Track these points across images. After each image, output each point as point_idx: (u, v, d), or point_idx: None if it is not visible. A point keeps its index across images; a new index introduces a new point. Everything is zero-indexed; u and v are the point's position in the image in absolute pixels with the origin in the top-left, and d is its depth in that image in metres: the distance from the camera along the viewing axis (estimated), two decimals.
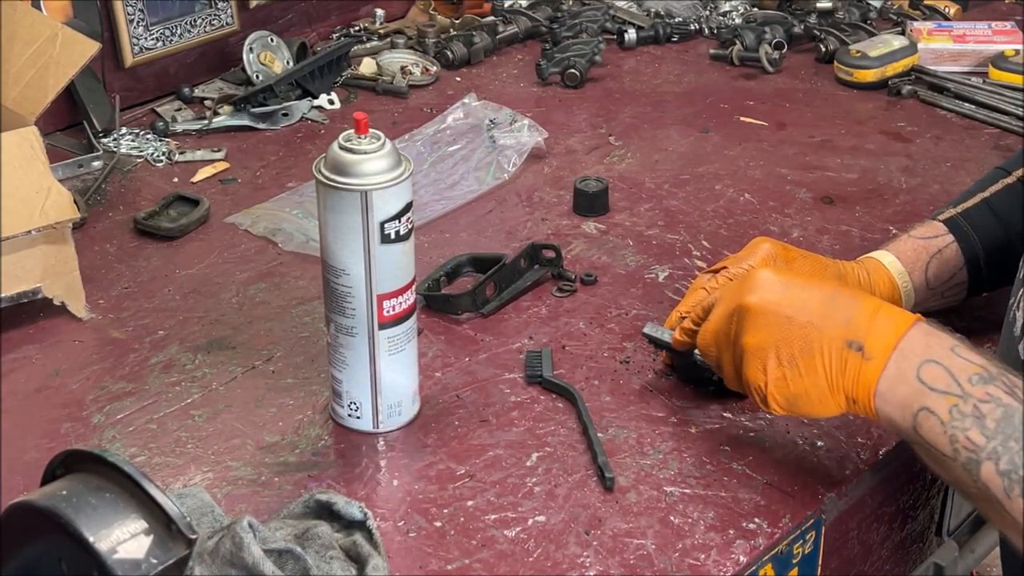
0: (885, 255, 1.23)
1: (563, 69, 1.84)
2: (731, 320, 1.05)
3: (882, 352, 0.97)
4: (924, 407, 0.94)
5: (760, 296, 1.02)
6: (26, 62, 1.39)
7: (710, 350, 1.09)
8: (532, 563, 1.01)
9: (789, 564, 1.08)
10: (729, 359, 1.06)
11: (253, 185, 1.59)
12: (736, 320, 1.04)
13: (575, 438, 1.14)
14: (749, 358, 1.03)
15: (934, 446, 0.94)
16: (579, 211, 1.51)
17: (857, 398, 0.98)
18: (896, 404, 0.96)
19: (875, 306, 0.99)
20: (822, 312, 1.00)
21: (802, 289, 1.02)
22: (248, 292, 1.36)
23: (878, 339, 0.97)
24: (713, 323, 1.08)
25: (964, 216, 1.25)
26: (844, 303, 1.00)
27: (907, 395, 0.95)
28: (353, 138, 1.06)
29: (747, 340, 1.02)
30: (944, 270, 1.23)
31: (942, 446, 0.93)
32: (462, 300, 1.31)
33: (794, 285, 1.03)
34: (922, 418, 0.94)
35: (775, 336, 1.01)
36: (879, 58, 1.84)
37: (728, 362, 1.07)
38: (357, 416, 1.14)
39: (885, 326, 0.98)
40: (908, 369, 0.96)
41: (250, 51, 1.79)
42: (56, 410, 1.18)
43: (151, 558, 0.82)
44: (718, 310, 1.07)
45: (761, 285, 1.03)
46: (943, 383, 0.94)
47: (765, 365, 1.01)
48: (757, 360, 1.02)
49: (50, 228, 1.27)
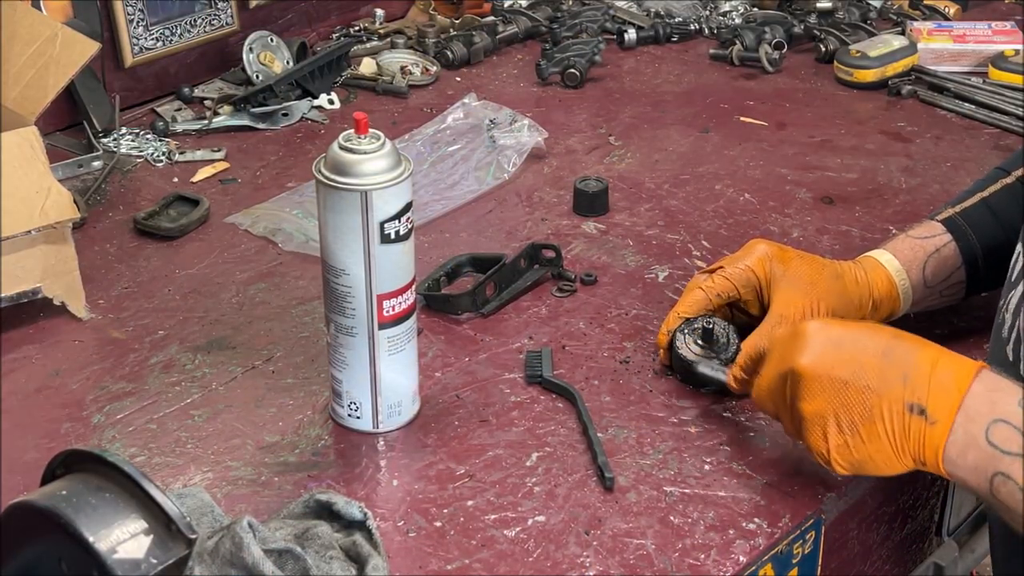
0: (882, 254, 1.23)
1: (563, 69, 1.84)
2: (785, 381, 1.01)
3: (947, 415, 0.93)
4: (999, 472, 0.91)
5: (812, 359, 0.99)
6: (26, 62, 1.39)
7: (767, 408, 1.07)
8: (532, 563, 1.01)
9: (789, 564, 1.08)
10: (788, 420, 1.03)
11: (253, 185, 1.59)
12: (791, 384, 1.01)
13: (575, 438, 1.14)
14: (808, 425, 0.99)
15: (1014, 511, 0.91)
16: (579, 211, 1.51)
17: (926, 462, 0.96)
18: (968, 469, 0.93)
19: (933, 359, 0.96)
20: (878, 372, 0.96)
21: (855, 345, 0.98)
22: (248, 292, 1.36)
23: (940, 399, 0.94)
24: (767, 381, 1.05)
25: (962, 216, 1.25)
26: (900, 359, 0.96)
27: (979, 460, 0.92)
28: (353, 138, 1.06)
29: (804, 407, 0.99)
30: (942, 269, 1.23)
31: (1022, 509, 0.91)
32: (462, 300, 1.31)
33: (846, 341, 0.99)
34: (998, 483, 0.91)
35: (833, 403, 0.97)
36: (879, 58, 1.84)
37: (787, 421, 1.04)
38: (357, 416, 1.14)
39: (947, 383, 0.94)
40: (977, 432, 0.92)
41: (250, 51, 1.79)
42: (56, 410, 1.18)
43: (151, 558, 0.82)
44: (770, 367, 1.04)
45: (812, 345, 0.99)
46: (1016, 444, 0.91)
47: (826, 432, 0.98)
48: (817, 428, 0.99)
49: (50, 228, 1.27)
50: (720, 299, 1.21)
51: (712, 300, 1.21)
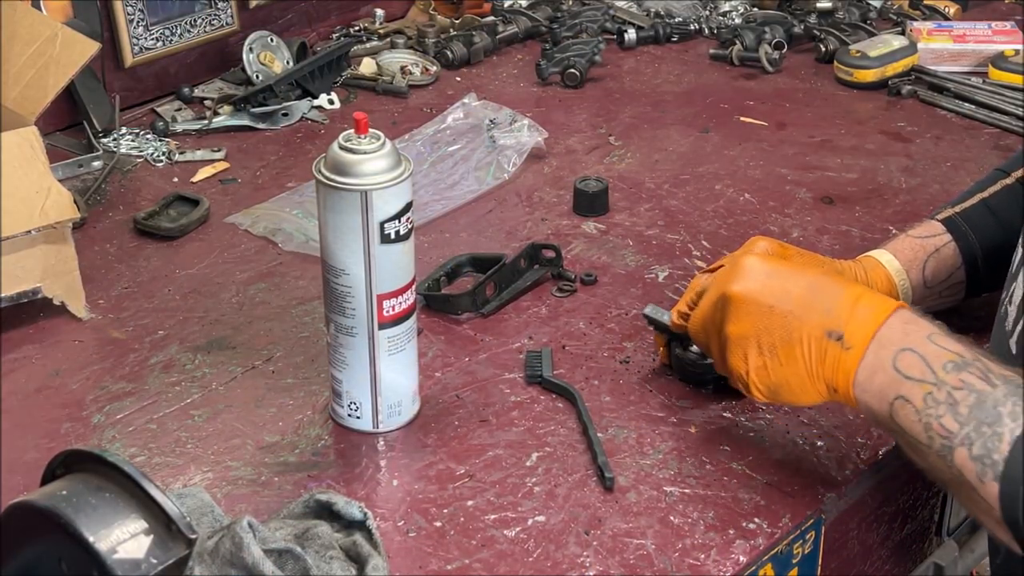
0: (883, 254, 1.23)
1: (563, 69, 1.84)
2: (716, 307, 1.06)
3: (861, 341, 0.98)
4: (900, 395, 0.95)
5: (743, 285, 1.04)
6: (26, 62, 1.39)
7: (699, 337, 1.11)
8: (532, 563, 1.01)
9: (789, 564, 1.08)
10: (716, 345, 1.08)
11: (253, 185, 1.59)
12: (721, 308, 1.05)
13: (575, 438, 1.14)
14: (732, 347, 1.04)
15: (910, 433, 0.95)
16: (579, 211, 1.51)
17: (837, 387, 1.00)
18: (874, 393, 0.97)
19: (856, 295, 1.00)
20: (803, 301, 1.01)
21: (785, 278, 1.03)
22: (248, 292, 1.36)
23: (857, 328, 0.98)
24: (701, 310, 1.09)
25: (962, 216, 1.25)
26: (826, 292, 1.01)
27: (884, 384, 0.96)
28: (353, 138, 1.06)
29: (730, 329, 1.04)
30: (942, 269, 1.23)
31: (917, 433, 0.94)
32: (462, 300, 1.31)
33: (778, 274, 1.04)
34: (898, 406, 0.95)
35: (756, 325, 1.02)
36: (879, 58, 1.84)
37: (715, 348, 1.08)
38: (357, 416, 1.14)
39: (865, 315, 0.98)
40: (885, 358, 0.96)
41: (250, 51, 1.79)
42: (56, 410, 1.18)
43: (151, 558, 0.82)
44: (706, 297, 1.09)
45: (746, 274, 1.04)
46: (918, 371, 0.95)
47: (746, 354, 1.03)
48: (739, 349, 1.04)
49: (50, 228, 1.27)
50: None
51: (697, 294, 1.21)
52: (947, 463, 0.92)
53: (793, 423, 1.16)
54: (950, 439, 0.92)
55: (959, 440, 0.91)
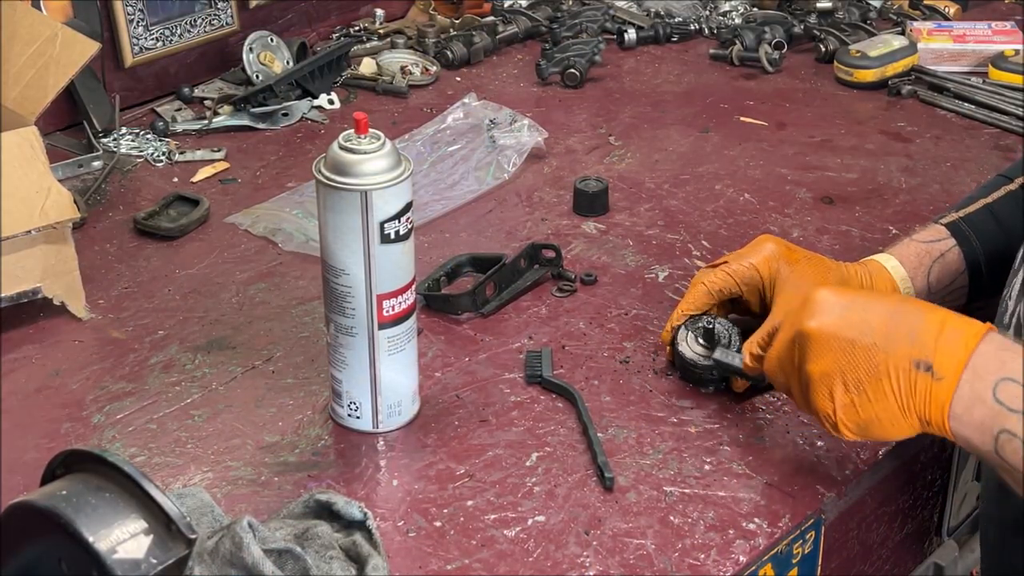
0: (888, 259, 1.23)
1: (563, 69, 1.84)
2: (793, 346, 1.01)
3: (953, 371, 0.93)
4: (1005, 429, 0.91)
5: (820, 321, 0.99)
6: (26, 62, 1.39)
7: (778, 377, 1.06)
8: (532, 563, 1.01)
9: (789, 564, 1.08)
10: (796, 386, 1.03)
11: (253, 185, 1.59)
12: (799, 347, 1.00)
13: (575, 438, 1.14)
14: (815, 386, 0.99)
15: (1018, 469, 0.91)
16: (579, 211, 1.51)
17: (931, 420, 0.95)
18: (974, 427, 0.93)
19: (941, 320, 0.96)
20: (885, 331, 0.96)
21: (863, 308, 0.98)
22: (248, 292, 1.36)
23: (947, 357, 0.94)
24: (777, 350, 1.04)
25: (966, 221, 1.25)
26: (907, 319, 0.96)
27: (985, 417, 0.92)
28: (353, 138, 1.06)
29: (811, 368, 0.99)
30: (946, 274, 1.23)
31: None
32: (462, 300, 1.31)
33: (854, 305, 0.99)
34: (1003, 441, 0.91)
35: (840, 362, 0.97)
36: (879, 58, 1.84)
37: (796, 389, 1.03)
38: (357, 416, 1.14)
39: (954, 341, 0.94)
40: (983, 389, 0.92)
41: (250, 51, 1.79)
42: (56, 410, 1.18)
43: (151, 558, 0.82)
44: (781, 336, 1.04)
45: (821, 308, 0.99)
46: (1022, 403, 0.91)
47: (832, 392, 0.98)
48: (823, 388, 0.99)
49: (50, 228, 1.27)
50: (721, 295, 1.21)
51: (712, 295, 1.21)
52: None
53: (793, 423, 1.16)
54: None
55: None
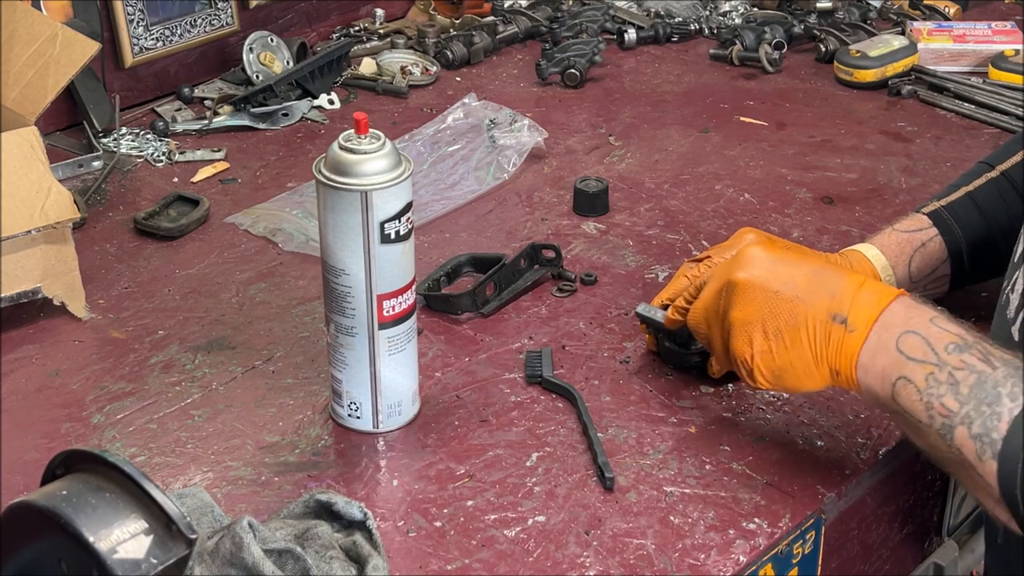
0: (869, 248, 1.24)
1: (563, 69, 1.84)
2: (720, 296, 1.07)
3: (864, 324, 0.99)
4: (902, 376, 0.96)
5: (749, 272, 1.05)
6: (26, 62, 1.39)
7: (700, 327, 1.11)
8: (532, 563, 1.01)
9: (789, 564, 1.08)
10: (718, 334, 1.08)
11: (253, 185, 1.59)
12: (725, 295, 1.06)
13: (575, 438, 1.14)
14: (736, 332, 1.05)
15: (911, 414, 0.96)
16: (579, 211, 1.51)
17: (840, 370, 1.01)
18: (876, 375, 0.98)
19: (859, 281, 1.02)
20: (808, 287, 1.02)
21: (790, 265, 1.05)
22: (248, 292, 1.36)
23: (861, 312, 1.00)
24: (703, 300, 1.10)
25: (948, 209, 1.26)
26: (830, 278, 1.02)
27: (887, 365, 0.98)
28: (353, 138, 1.06)
29: (735, 315, 1.05)
30: (927, 264, 1.24)
31: (918, 413, 0.95)
32: (462, 300, 1.31)
33: (782, 261, 1.05)
34: (900, 387, 0.96)
35: (762, 310, 1.03)
36: (879, 58, 1.84)
37: (717, 337, 1.09)
38: (357, 416, 1.14)
39: (868, 299, 1.00)
40: (888, 340, 0.98)
41: (250, 51, 1.79)
42: (56, 410, 1.18)
43: (151, 558, 0.82)
44: (709, 287, 1.10)
45: (751, 261, 1.06)
46: (920, 352, 0.96)
47: (751, 338, 1.04)
48: (744, 334, 1.04)
49: (50, 228, 1.27)
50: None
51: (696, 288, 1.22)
52: (947, 442, 0.93)
53: (793, 423, 1.16)
54: (950, 418, 0.93)
55: (959, 419, 0.93)
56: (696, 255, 1.27)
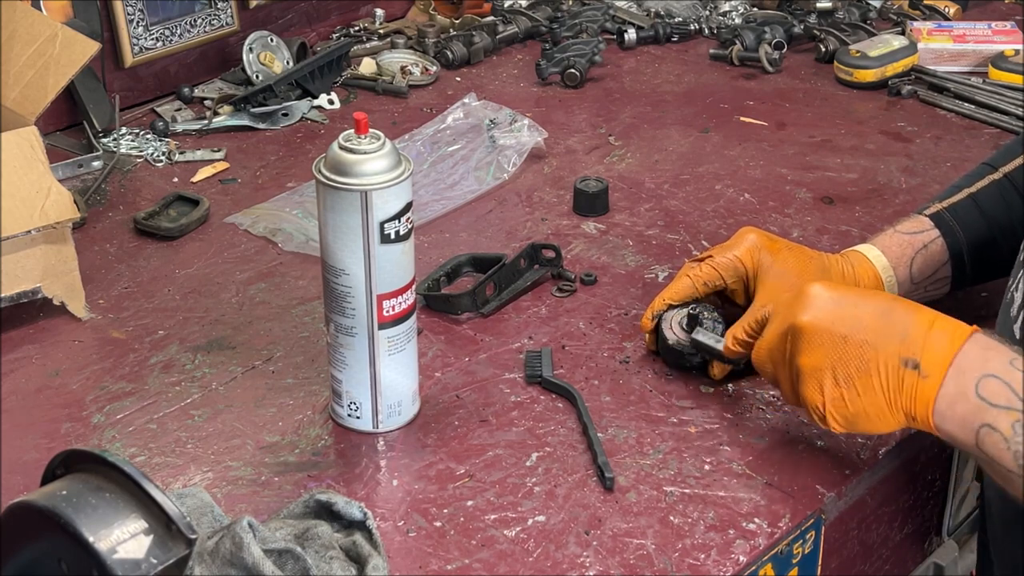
0: (870, 249, 1.24)
1: (563, 69, 1.84)
2: (785, 339, 1.04)
3: (939, 369, 0.96)
4: (985, 424, 0.93)
5: (813, 315, 1.01)
6: (26, 62, 1.39)
7: (766, 367, 1.08)
8: (532, 563, 1.01)
9: (789, 564, 1.08)
10: (786, 377, 1.05)
11: (253, 185, 1.59)
12: (791, 340, 1.03)
13: (575, 438, 1.14)
14: (806, 379, 1.02)
15: (999, 462, 0.93)
16: (579, 211, 1.51)
17: (916, 416, 0.98)
18: (957, 422, 0.95)
19: (930, 320, 0.98)
20: (876, 329, 0.99)
21: (855, 305, 1.01)
22: (248, 292, 1.36)
23: (934, 355, 0.96)
24: (768, 341, 1.07)
25: (950, 211, 1.26)
26: (899, 318, 0.99)
27: (967, 412, 0.95)
28: (353, 138, 1.06)
29: (803, 361, 1.01)
30: (928, 265, 1.24)
31: (1007, 462, 0.93)
32: (462, 300, 1.31)
33: (847, 301, 1.01)
34: (984, 435, 0.94)
35: (831, 356, 1.00)
36: (879, 58, 1.84)
37: (785, 380, 1.06)
38: (357, 416, 1.14)
39: (941, 341, 0.97)
40: (967, 385, 0.95)
41: (250, 51, 1.79)
42: (56, 410, 1.18)
43: (151, 558, 0.82)
44: (772, 328, 1.06)
45: (814, 303, 1.02)
46: (1004, 398, 0.93)
47: (822, 386, 1.01)
48: (814, 381, 1.01)
49: (50, 228, 1.27)
50: (706, 288, 1.22)
51: (698, 288, 1.22)
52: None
53: (793, 423, 1.16)
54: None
55: None
56: (697, 255, 1.27)
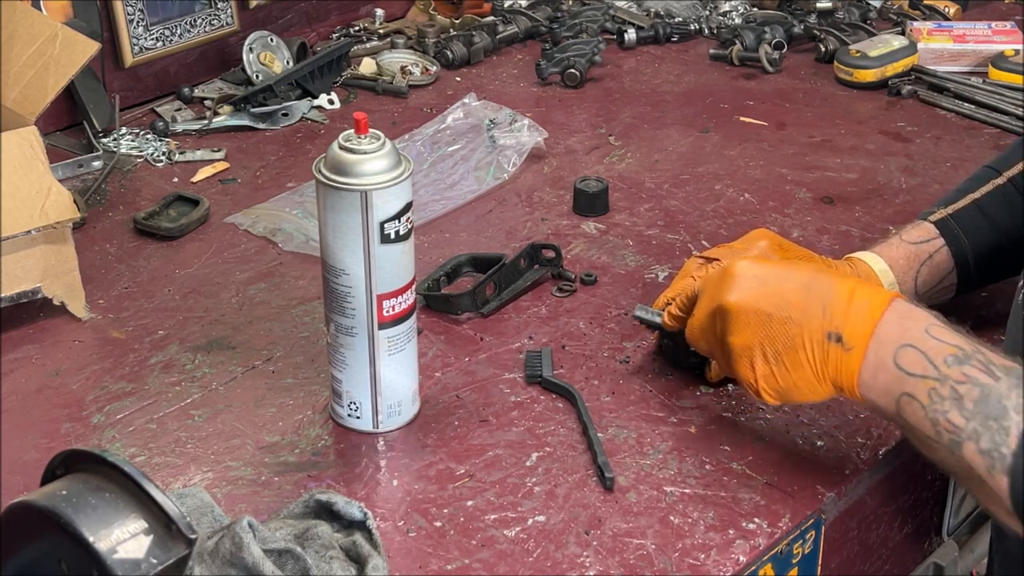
0: (877, 261, 1.23)
1: (563, 69, 1.84)
2: (714, 318, 1.07)
3: (860, 341, 0.99)
4: (905, 393, 0.96)
5: (738, 295, 1.04)
6: (26, 62, 1.39)
7: (700, 344, 1.12)
8: (532, 563, 1.01)
9: (789, 564, 1.08)
10: (719, 353, 1.09)
11: (253, 185, 1.59)
12: (720, 319, 1.06)
13: (575, 438, 1.14)
14: (737, 357, 1.05)
15: (918, 429, 0.96)
16: (579, 211, 1.51)
17: (843, 387, 1.01)
18: (879, 391, 0.98)
19: (849, 290, 1.01)
20: (799, 304, 1.02)
21: (779, 281, 1.04)
22: (248, 292, 1.36)
23: (855, 327, 0.99)
24: (698, 319, 1.10)
25: (955, 218, 1.25)
26: (819, 291, 1.02)
27: (888, 382, 0.97)
28: (353, 138, 1.06)
29: (732, 340, 1.05)
30: (933, 276, 1.24)
31: (925, 429, 0.95)
32: (462, 300, 1.31)
33: (770, 278, 1.04)
34: (904, 403, 0.96)
35: (758, 335, 1.03)
36: (879, 58, 1.84)
37: (719, 356, 1.09)
38: (357, 416, 1.14)
39: (861, 312, 0.99)
40: (886, 356, 0.98)
41: (250, 51, 1.79)
42: (56, 410, 1.18)
43: (151, 558, 0.82)
44: (701, 305, 1.10)
45: (739, 282, 1.05)
46: (920, 367, 0.96)
47: (753, 363, 1.04)
48: (744, 359, 1.05)
49: (50, 228, 1.27)
50: None
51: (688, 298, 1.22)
52: (956, 457, 0.93)
53: (793, 423, 1.16)
54: (957, 434, 0.93)
55: (966, 435, 0.92)
56: (705, 252, 1.26)
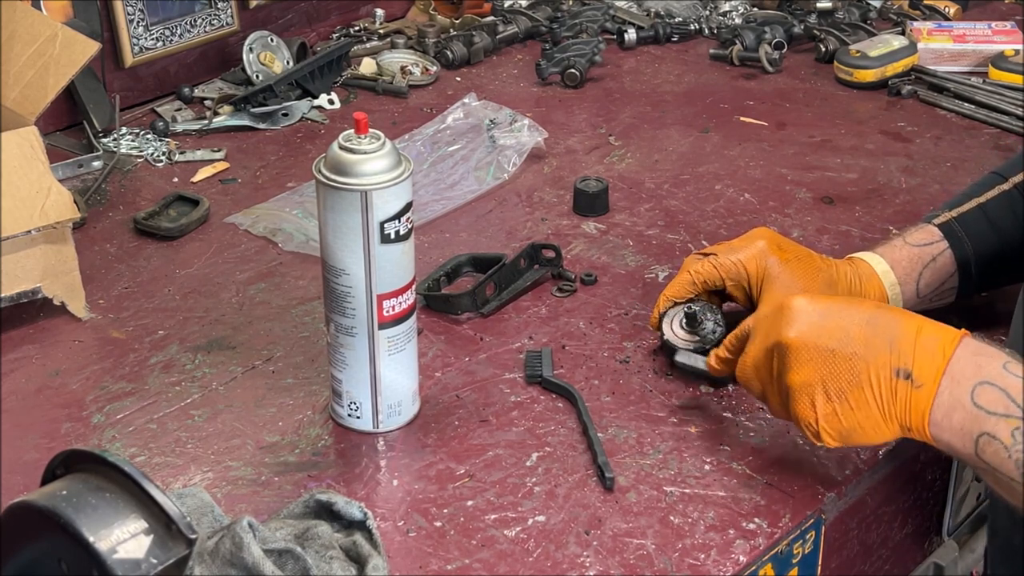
0: (880, 262, 1.23)
1: (563, 69, 1.84)
2: (771, 356, 1.02)
3: (932, 378, 0.95)
4: (984, 432, 0.92)
5: (798, 330, 1.00)
6: (26, 62, 1.39)
7: (752, 384, 1.07)
8: (532, 563, 1.01)
9: (789, 564, 1.08)
10: (774, 394, 1.04)
11: (253, 185, 1.59)
12: (777, 357, 1.01)
13: (575, 438, 1.14)
14: (796, 395, 1.00)
15: (1000, 471, 0.92)
16: (579, 211, 1.51)
17: (912, 426, 0.97)
18: (954, 432, 0.94)
19: (918, 326, 0.97)
20: (864, 339, 0.97)
21: (840, 316, 0.99)
22: (248, 292, 1.36)
23: (926, 363, 0.95)
24: (752, 357, 1.05)
25: (959, 221, 1.25)
26: (885, 326, 0.97)
27: (964, 421, 0.93)
28: (353, 138, 1.06)
29: (792, 378, 1.00)
30: (935, 278, 1.23)
31: (1009, 471, 0.91)
32: (462, 300, 1.31)
33: (831, 313, 1.00)
34: (984, 444, 0.93)
35: (820, 371, 0.98)
36: (879, 58, 1.84)
37: (773, 396, 1.04)
38: (357, 416, 1.14)
39: (931, 348, 0.95)
40: (962, 394, 0.94)
41: (250, 51, 1.79)
42: (56, 410, 1.18)
43: (151, 558, 0.82)
44: (755, 344, 1.05)
45: (798, 317, 1.00)
46: (1002, 406, 0.92)
47: (814, 402, 0.99)
48: (804, 397, 0.99)
49: (50, 228, 1.27)
50: (705, 286, 1.23)
51: (697, 285, 1.22)
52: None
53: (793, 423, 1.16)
54: None
55: None
56: (703, 250, 1.26)
